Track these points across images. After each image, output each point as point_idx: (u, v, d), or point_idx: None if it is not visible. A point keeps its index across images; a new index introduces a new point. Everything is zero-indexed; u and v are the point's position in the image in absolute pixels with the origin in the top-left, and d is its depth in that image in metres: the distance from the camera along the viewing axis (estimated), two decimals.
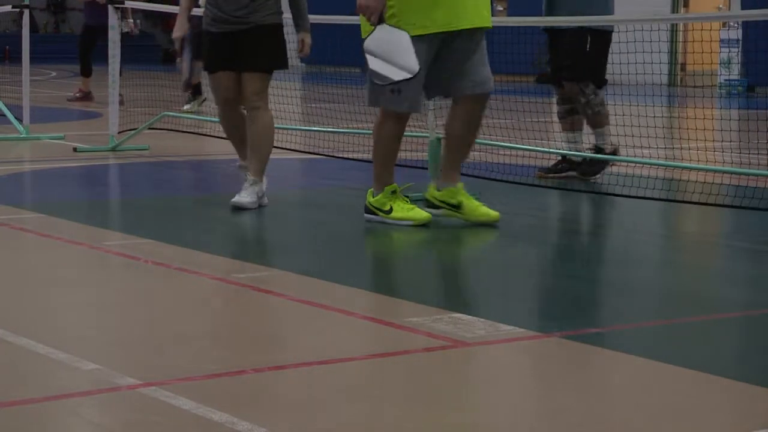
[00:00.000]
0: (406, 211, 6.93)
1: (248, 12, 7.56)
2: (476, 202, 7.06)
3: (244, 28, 7.57)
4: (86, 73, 16.89)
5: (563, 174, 9.11)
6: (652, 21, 8.78)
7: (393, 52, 6.52)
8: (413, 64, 6.48)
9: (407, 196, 7.12)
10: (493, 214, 7.00)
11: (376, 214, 7.01)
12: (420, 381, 4.12)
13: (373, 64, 6.58)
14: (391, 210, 6.96)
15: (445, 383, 4.12)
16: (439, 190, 7.14)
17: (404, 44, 6.50)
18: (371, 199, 7.04)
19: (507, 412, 3.85)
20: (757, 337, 4.85)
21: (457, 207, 7.05)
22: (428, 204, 7.14)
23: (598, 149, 9.11)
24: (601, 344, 4.59)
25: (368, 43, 6.55)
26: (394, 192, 7.02)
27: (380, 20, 6.49)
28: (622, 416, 3.79)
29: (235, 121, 7.92)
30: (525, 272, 6.06)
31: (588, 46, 9.08)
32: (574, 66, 9.10)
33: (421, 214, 6.94)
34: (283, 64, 7.72)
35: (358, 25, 6.96)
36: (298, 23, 7.81)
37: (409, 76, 6.51)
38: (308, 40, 7.84)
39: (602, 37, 9.11)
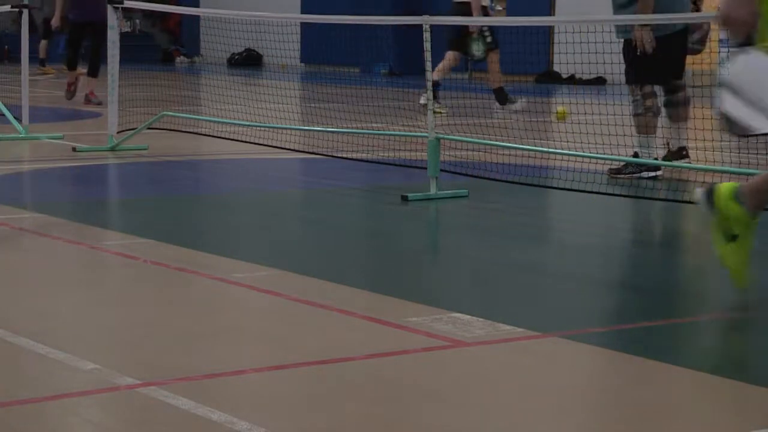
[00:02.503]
0: (735, 253, 5.22)
1: None
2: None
3: None
4: (73, 67, 16.79)
5: (632, 175, 8.91)
6: (651, 21, 8.76)
7: (762, 90, 4.66)
8: None
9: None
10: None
11: (711, 211, 5.25)
12: (419, 381, 4.12)
13: (731, 105, 4.71)
14: (729, 239, 5.23)
15: (445, 383, 4.12)
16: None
17: None
18: (724, 199, 5.19)
19: (507, 412, 3.85)
20: (757, 337, 4.85)
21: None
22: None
23: (635, 155, 8.98)
24: (601, 344, 4.59)
25: (732, 75, 4.71)
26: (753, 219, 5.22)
27: (747, 41, 4.66)
28: (622, 416, 3.79)
29: None
30: (524, 272, 6.06)
31: (634, 49, 8.94)
32: (627, 69, 9.06)
33: (739, 275, 5.24)
34: None
35: (357, 25, 6.81)
36: None
37: None
38: None
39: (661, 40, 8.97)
